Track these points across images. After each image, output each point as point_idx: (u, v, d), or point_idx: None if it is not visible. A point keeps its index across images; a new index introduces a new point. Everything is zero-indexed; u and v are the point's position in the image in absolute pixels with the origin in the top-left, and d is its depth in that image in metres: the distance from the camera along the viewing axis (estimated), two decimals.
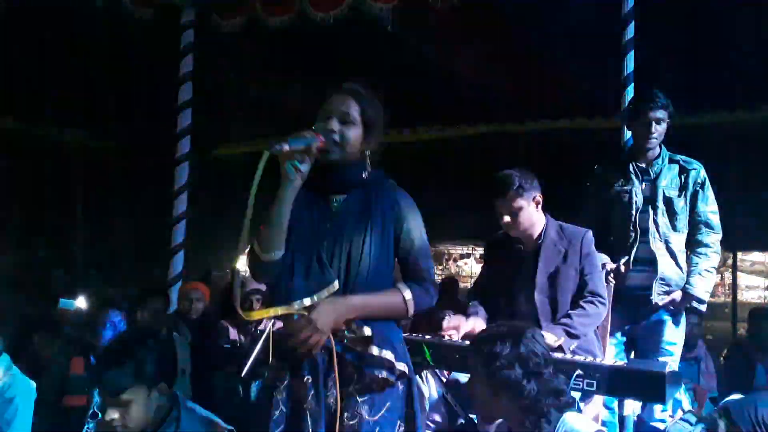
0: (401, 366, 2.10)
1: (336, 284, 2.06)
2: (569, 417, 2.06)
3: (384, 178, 2.24)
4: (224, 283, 7.16)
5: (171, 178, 5.26)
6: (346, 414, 2.03)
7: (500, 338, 2.09)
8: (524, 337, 2.09)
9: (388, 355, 2.07)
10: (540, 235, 3.14)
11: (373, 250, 2.09)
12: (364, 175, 2.17)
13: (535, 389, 2.03)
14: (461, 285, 8.07)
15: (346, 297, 2.06)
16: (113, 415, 2.24)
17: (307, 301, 2.04)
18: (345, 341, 2.06)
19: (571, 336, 2.92)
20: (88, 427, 3.21)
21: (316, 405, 2.03)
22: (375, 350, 2.05)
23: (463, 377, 3.70)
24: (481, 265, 3.60)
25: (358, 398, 2.05)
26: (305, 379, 2.06)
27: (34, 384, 2.93)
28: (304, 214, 2.13)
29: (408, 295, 2.12)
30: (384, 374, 2.07)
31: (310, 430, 2.02)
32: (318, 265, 2.07)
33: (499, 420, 2.27)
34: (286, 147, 1.96)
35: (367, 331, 2.05)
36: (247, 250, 2.10)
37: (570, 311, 3.02)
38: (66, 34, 5.96)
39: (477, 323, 3.08)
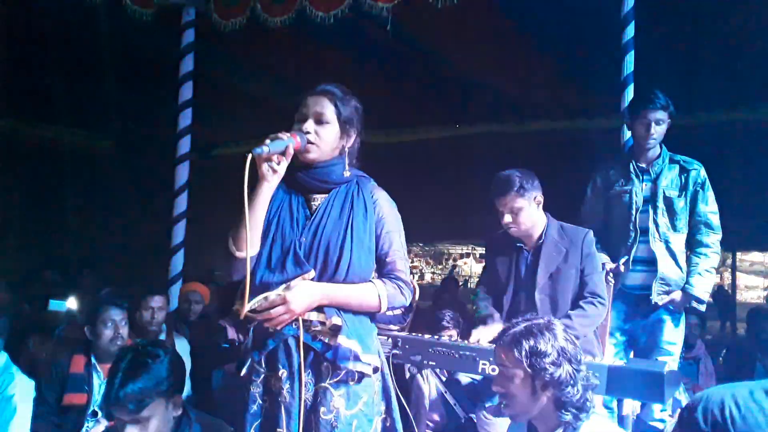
0: (369, 359, 2.12)
1: (312, 273, 2.08)
2: (594, 420, 1.99)
3: (365, 177, 2.27)
4: (225, 282, 7.14)
5: (171, 178, 5.26)
6: (322, 408, 2.06)
7: (540, 333, 1.95)
8: (560, 330, 1.97)
9: (355, 346, 2.09)
10: (541, 235, 3.15)
11: (353, 249, 2.11)
12: (344, 174, 2.20)
13: (581, 385, 1.94)
14: (461, 285, 8.08)
15: (322, 283, 2.09)
16: None
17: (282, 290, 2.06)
18: (317, 335, 2.08)
19: None
20: (87, 426, 3.21)
21: (290, 398, 2.06)
22: (344, 340, 2.07)
23: (464, 377, 3.70)
24: (482, 264, 3.61)
25: (334, 392, 2.07)
26: (280, 372, 2.08)
27: (33, 383, 2.94)
28: (284, 212, 2.17)
29: (382, 290, 2.14)
30: (359, 367, 2.09)
31: (284, 422, 2.04)
32: (294, 259, 2.09)
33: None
34: (267, 150, 2.00)
35: (337, 320, 2.07)
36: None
37: (570, 311, 3.03)
38: (66, 34, 5.96)
39: (497, 327, 3.01)
